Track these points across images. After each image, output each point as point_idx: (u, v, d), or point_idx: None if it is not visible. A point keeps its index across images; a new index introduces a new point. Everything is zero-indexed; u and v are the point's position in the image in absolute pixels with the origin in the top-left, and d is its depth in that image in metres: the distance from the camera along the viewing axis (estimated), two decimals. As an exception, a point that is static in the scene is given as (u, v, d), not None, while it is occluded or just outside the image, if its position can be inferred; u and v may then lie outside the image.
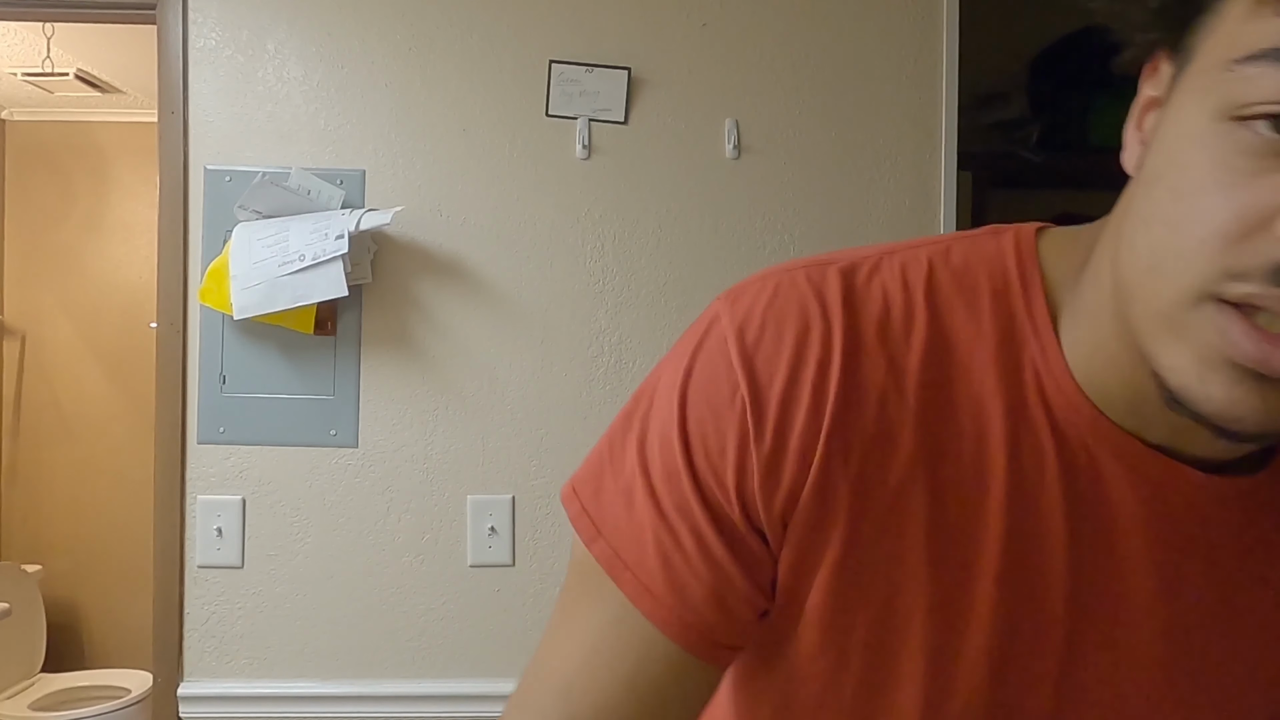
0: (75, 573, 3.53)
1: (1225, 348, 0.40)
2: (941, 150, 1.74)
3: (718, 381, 0.51)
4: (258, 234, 1.61)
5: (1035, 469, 0.50)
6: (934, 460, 0.50)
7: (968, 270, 0.52)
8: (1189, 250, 0.41)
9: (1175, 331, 0.42)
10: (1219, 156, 0.40)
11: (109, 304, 3.54)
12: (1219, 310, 0.40)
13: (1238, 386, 0.40)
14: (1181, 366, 0.42)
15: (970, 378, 0.50)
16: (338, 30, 1.69)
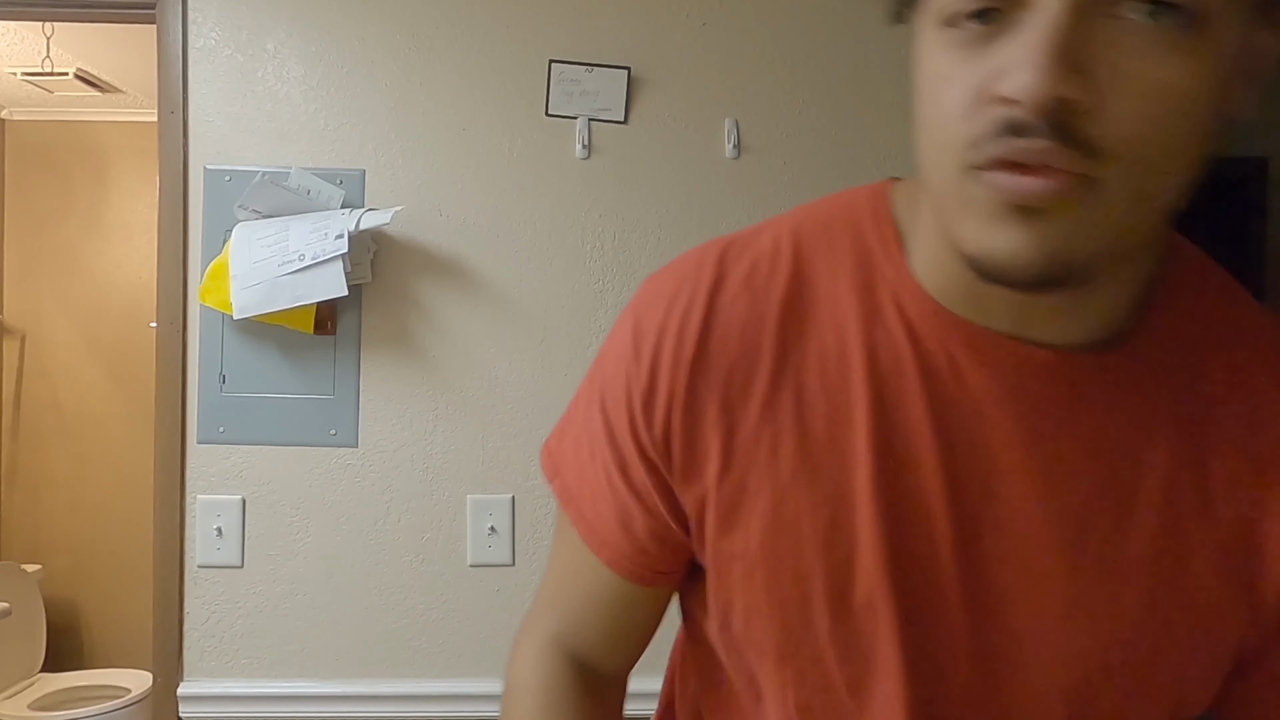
0: (75, 572, 3.53)
1: (996, 197, 0.46)
2: (941, 150, 1.74)
3: (618, 341, 0.63)
4: (257, 234, 1.61)
5: (895, 371, 0.56)
6: (798, 375, 0.58)
7: (831, 219, 0.61)
8: (943, 138, 0.48)
9: (961, 206, 0.48)
10: (943, 55, 0.48)
11: (109, 304, 3.54)
12: (986, 175, 0.46)
13: (1012, 229, 0.46)
14: (970, 235, 0.48)
15: (832, 302, 0.58)
16: (338, 30, 1.69)
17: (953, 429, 0.55)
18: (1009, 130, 0.44)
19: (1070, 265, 0.47)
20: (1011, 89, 0.44)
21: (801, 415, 0.57)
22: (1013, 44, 0.44)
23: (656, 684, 0.81)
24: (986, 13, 0.45)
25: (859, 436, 0.56)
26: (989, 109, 0.45)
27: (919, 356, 0.56)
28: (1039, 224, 0.45)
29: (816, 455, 0.57)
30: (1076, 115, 0.44)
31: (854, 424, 0.56)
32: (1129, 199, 0.46)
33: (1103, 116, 0.44)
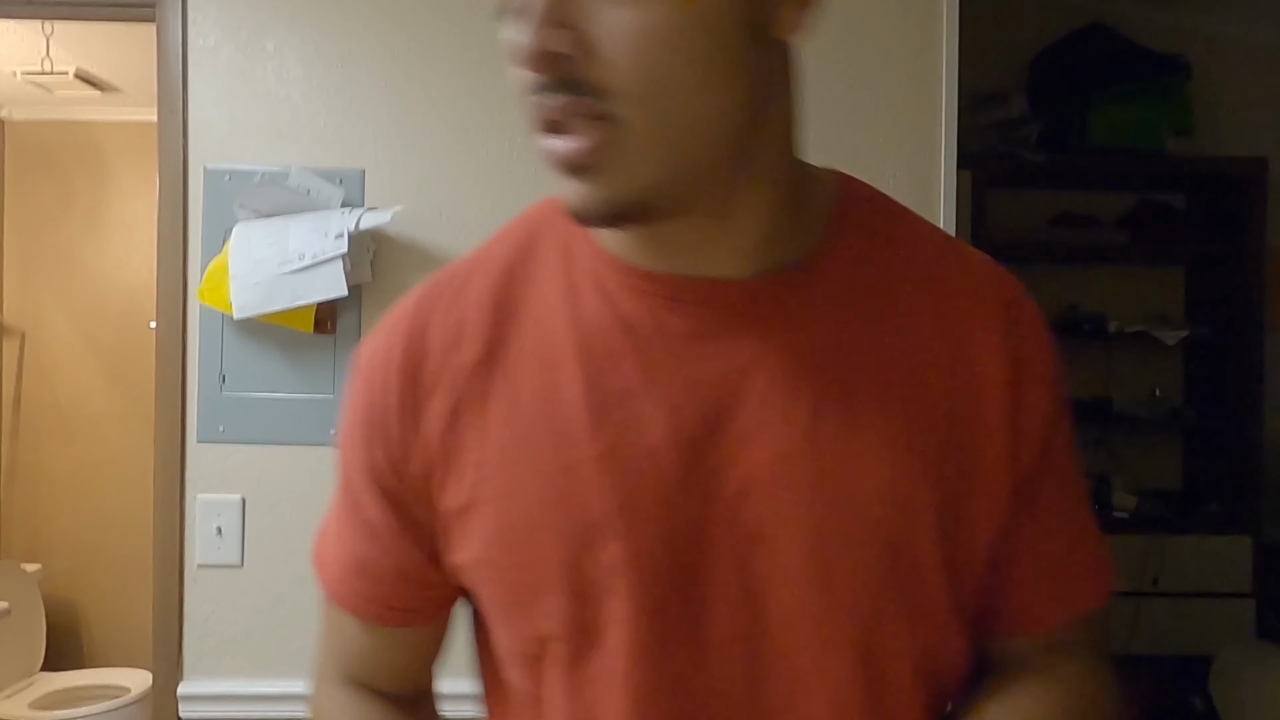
0: (75, 572, 3.53)
1: (552, 161, 0.53)
2: (941, 150, 1.74)
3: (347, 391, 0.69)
4: (257, 233, 1.61)
5: (601, 338, 0.59)
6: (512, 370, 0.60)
7: (537, 217, 0.68)
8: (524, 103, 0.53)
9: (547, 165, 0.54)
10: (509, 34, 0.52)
11: (109, 303, 3.54)
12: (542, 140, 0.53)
13: (574, 185, 0.53)
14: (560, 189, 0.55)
15: (540, 293, 0.62)
16: (337, 30, 1.69)
17: (664, 374, 0.58)
18: (535, 89, 0.51)
19: (634, 202, 0.53)
20: (518, 54, 0.51)
21: (513, 397, 0.60)
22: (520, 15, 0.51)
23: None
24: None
25: (575, 407, 0.59)
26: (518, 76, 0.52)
27: (619, 318, 0.60)
28: (590, 177, 0.52)
29: (537, 438, 0.59)
30: (572, 65, 0.50)
31: (569, 397, 0.59)
32: (655, 132, 0.51)
33: (596, 61, 0.50)
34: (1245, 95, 3.14)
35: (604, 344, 0.60)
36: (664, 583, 0.58)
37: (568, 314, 0.61)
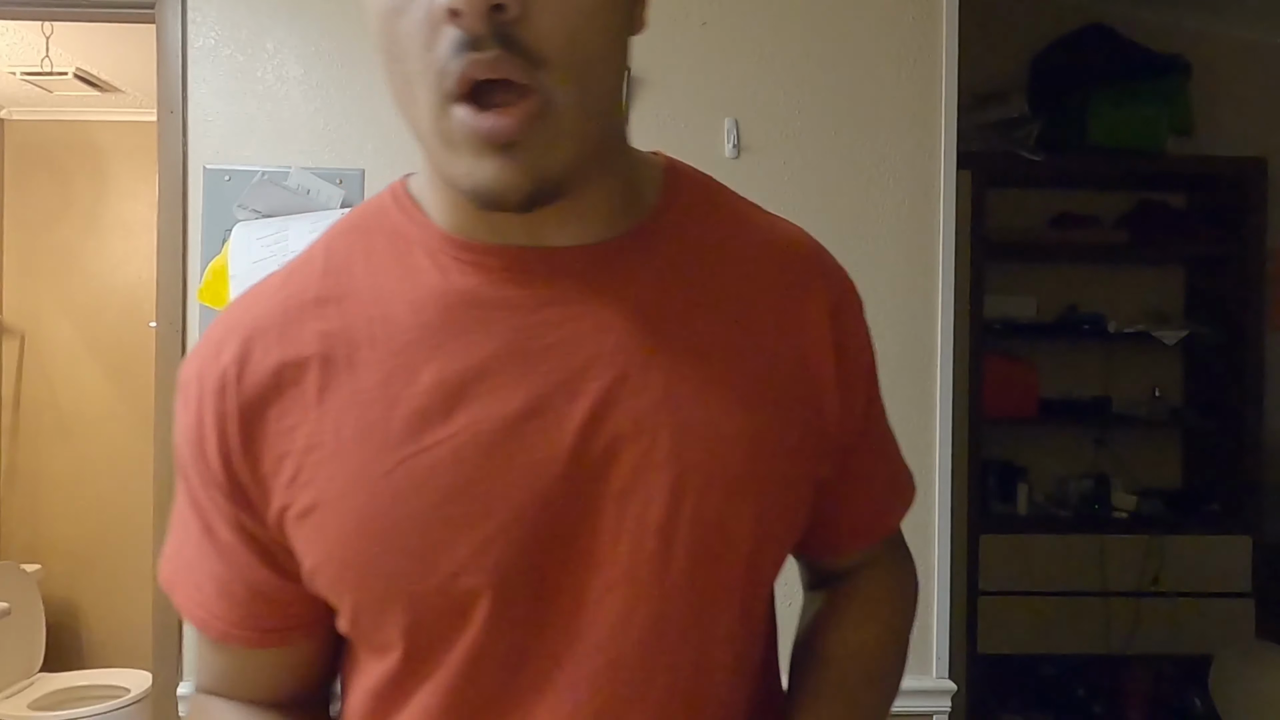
0: (75, 572, 3.53)
1: (475, 135, 0.50)
2: (941, 150, 1.74)
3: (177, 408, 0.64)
4: (257, 233, 1.61)
5: (443, 313, 0.58)
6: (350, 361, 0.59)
7: (359, 218, 0.65)
8: (412, 71, 0.51)
9: (447, 144, 0.52)
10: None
11: (108, 303, 3.53)
12: (457, 107, 0.50)
13: (493, 163, 0.51)
14: (462, 171, 0.52)
15: (372, 283, 0.60)
16: (337, 29, 1.69)
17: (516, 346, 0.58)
18: (466, 46, 0.49)
19: (552, 181, 0.53)
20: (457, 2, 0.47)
21: (356, 390, 0.58)
22: None
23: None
24: None
25: (425, 390, 0.57)
26: (446, 33, 0.49)
27: (462, 295, 0.59)
28: (514, 154, 0.51)
29: (386, 425, 0.57)
30: (513, 23, 0.48)
31: (414, 376, 0.58)
32: (575, 104, 0.51)
33: (534, 24, 0.49)
34: (1245, 95, 3.14)
35: (449, 323, 0.58)
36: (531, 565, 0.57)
37: (408, 298, 0.59)
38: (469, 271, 0.59)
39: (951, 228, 1.75)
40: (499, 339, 0.58)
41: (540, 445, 0.57)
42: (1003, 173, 2.92)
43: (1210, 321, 3.06)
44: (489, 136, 0.50)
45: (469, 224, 0.59)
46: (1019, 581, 2.87)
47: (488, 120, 0.50)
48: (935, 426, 1.72)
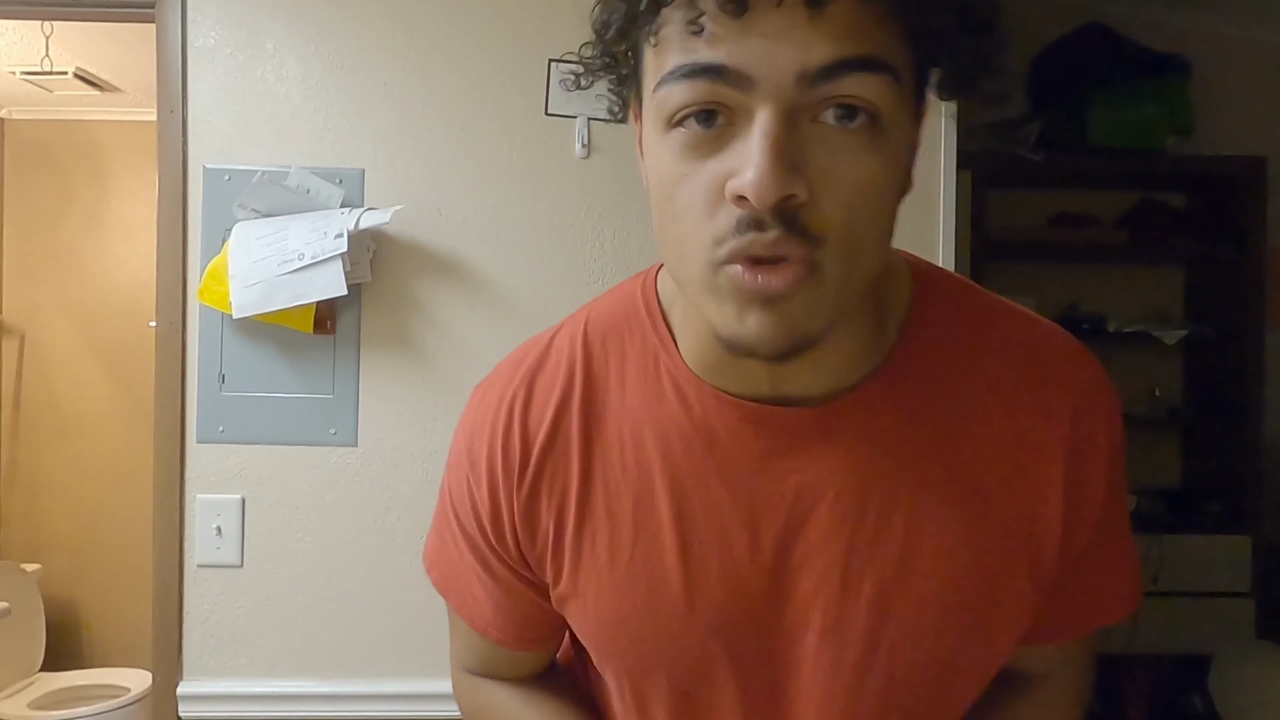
0: (74, 572, 3.53)
1: (741, 290, 0.53)
2: (941, 150, 1.74)
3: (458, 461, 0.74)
4: (257, 233, 1.61)
5: (684, 448, 0.65)
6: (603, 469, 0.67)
7: (614, 319, 0.71)
8: (688, 233, 0.55)
9: (713, 295, 0.55)
10: (674, 158, 0.54)
11: (108, 303, 3.53)
12: (730, 269, 0.53)
13: (758, 315, 0.54)
14: (723, 321, 0.55)
15: (621, 394, 0.68)
16: (337, 29, 1.69)
17: (744, 489, 0.65)
18: (748, 226, 0.52)
19: (807, 337, 0.55)
20: (746, 189, 0.51)
21: (609, 505, 0.67)
22: (739, 149, 0.52)
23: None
24: (709, 115, 0.53)
25: (663, 513, 0.66)
26: (727, 208, 0.53)
27: (700, 431, 0.65)
28: (779, 309, 0.53)
29: (628, 542, 0.66)
30: (796, 209, 0.52)
31: (657, 506, 0.66)
32: (843, 274, 0.54)
33: (818, 208, 0.52)
34: (1245, 95, 3.14)
35: (689, 459, 0.65)
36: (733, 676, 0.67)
37: (655, 423, 0.66)
38: (710, 415, 0.65)
39: (951, 228, 1.75)
40: (729, 481, 0.65)
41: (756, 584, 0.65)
42: (1003, 173, 2.92)
43: (1210, 321, 3.06)
44: (761, 293, 0.53)
45: (714, 365, 0.65)
46: (1019, 581, 2.86)
47: (759, 278, 0.53)
48: (935, 426, 1.72)
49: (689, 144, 0.54)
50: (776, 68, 0.50)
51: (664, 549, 0.66)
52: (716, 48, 0.51)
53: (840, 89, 0.51)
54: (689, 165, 0.54)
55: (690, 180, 0.54)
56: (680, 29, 0.52)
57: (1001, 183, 2.96)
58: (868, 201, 0.53)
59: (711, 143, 0.53)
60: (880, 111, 0.52)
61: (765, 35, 0.50)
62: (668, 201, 0.56)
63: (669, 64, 0.53)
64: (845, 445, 0.64)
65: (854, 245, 0.54)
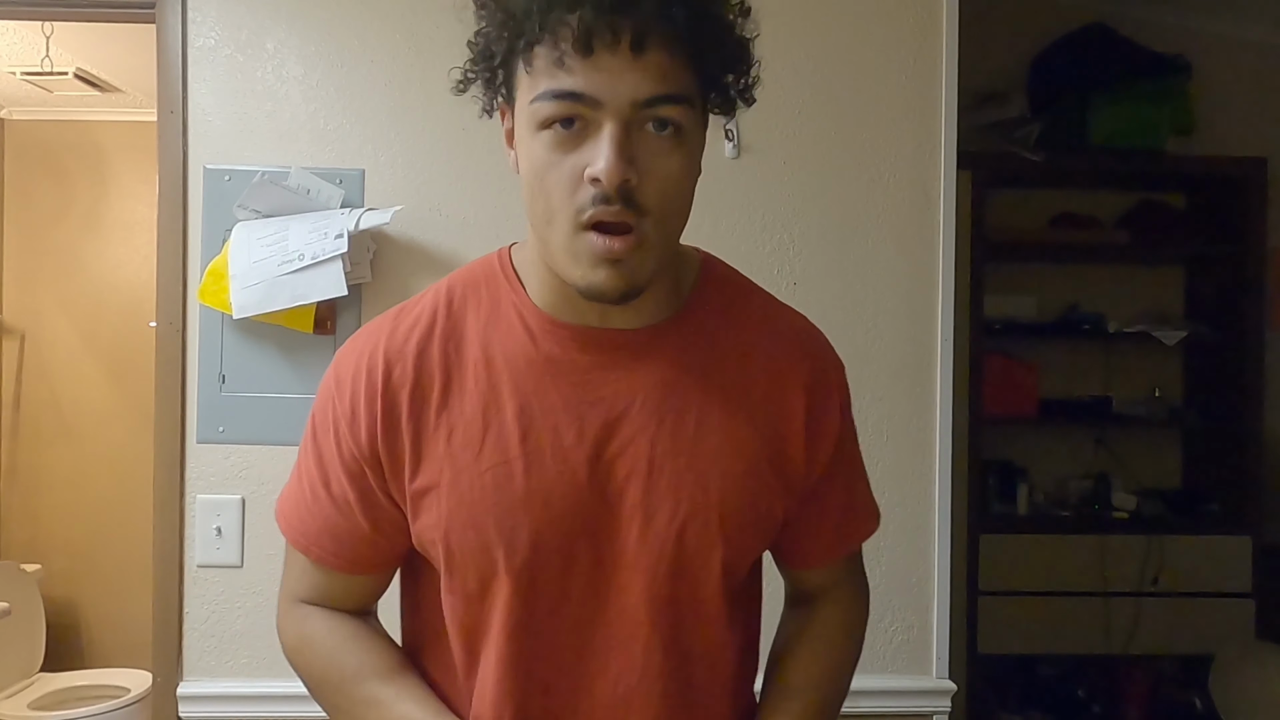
0: (75, 572, 3.53)
1: (595, 252, 0.77)
2: (941, 150, 1.74)
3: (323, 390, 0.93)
4: (257, 233, 1.61)
5: (527, 366, 0.86)
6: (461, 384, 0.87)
7: (474, 277, 0.93)
8: (556, 206, 0.78)
9: (573, 255, 0.79)
10: (543, 151, 0.78)
11: (109, 303, 3.54)
12: (588, 234, 0.77)
13: (605, 271, 0.78)
14: (581, 273, 0.79)
15: (479, 331, 0.88)
16: (337, 29, 1.69)
17: (575, 396, 0.85)
18: (600, 201, 0.76)
19: (636, 285, 0.80)
20: (600, 174, 0.75)
21: (464, 410, 0.86)
22: (592, 147, 0.76)
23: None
24: (570, 122, 0.76)
25: (508, 414, 0.85)
26: (585, 188, 0.76)
27: (541, 352, 0.86)
28: (620, 267, 0.78)
29: (478, 436, 0.85)
30: (632, 189, 0.76)
31: (503, 408, 0.85)
32: (660, 239, 0.80)
33: (643, 189, 0.77)
34: (1245, 95, 3.14)
35: (531, 373, 0.86)
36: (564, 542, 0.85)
37: (503, 350, 0.87)
38: (551, 341, 0.86)
39: (952, 228, 1.75)
40: (565, 392, 0.85)
41: (584, 470, 0.84)
42: (1003, 173, 2.92)
43: (1210, 321, 3.06)
44: (606, 254, 0.77)
45: (558, 304, 0.86)
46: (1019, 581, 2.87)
47: (608, 243, 0.77)
48: (935, 426, 1.72)
49: (555, 142, 0.77)
50: (617, 95, 0.75)
51: (508, 439, 0.84)
52: (575, 77, 0.75)
53: (658, 112, 0.76)
54: (556, 156, 0.77)
55: (557, 167, 0.77)
56: (546, 62, 0.76)
57: (1001, 183, 2.96)
58: (675, 185, 0.79)
59: (571, 141, 0.77)
60: (683, 126, 0.78)
61: (609, 71, 0.75)
62: (539, 182, 0.79)
63: (540, 86, 0.76)
64: (650, 363, 0.87)
65: (666, 217, 0.79)
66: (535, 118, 0.77)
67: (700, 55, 0.79)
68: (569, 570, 0.85)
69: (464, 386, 0.86)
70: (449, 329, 0.88)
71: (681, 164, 0.79)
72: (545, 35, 0.76)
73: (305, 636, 0.98)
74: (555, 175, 0.77)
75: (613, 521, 0.85)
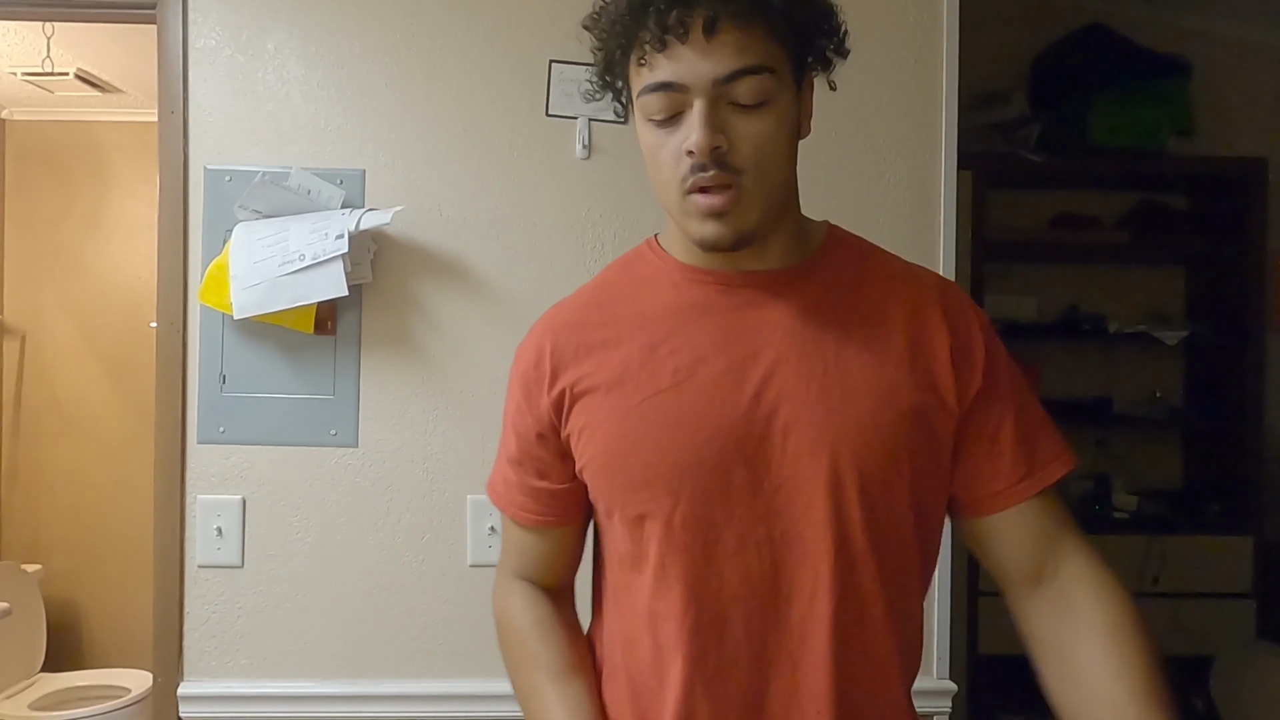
0: (75, 572, 3.53)
1: (700, 210, 0.88)
2: (941, 150, 1.74)
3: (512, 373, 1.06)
4: (258, 234, 1.61)
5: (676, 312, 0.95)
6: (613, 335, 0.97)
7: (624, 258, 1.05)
8: (667, 178, 0.89)
9: (685, 214, 0.89)
10: (651, 136, 0.90)
11: (109, 304, 3.54)
12: (693, 197, 0.88)
13: (711, 225, 0.88)
14: (693, 229, 0.90)
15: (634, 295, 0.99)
16: (338, 30, 1.69)
17: (721, 332, 0.93)
18: (698, 169, 0.86)
19: (745, 235, 0.89)
20: (693, 146, 0.85)
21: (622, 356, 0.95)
22: (687, 126, 0.86)
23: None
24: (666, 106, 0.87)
25: (661, 354, 0.93)
26: (685, 160, 0.86)
27: (690, 301, 0.95)
28: (723, 220, 0.88)
29: (635, 374, 0.93)
30: (724, 155, 0.86)
31: (656, 349, 0.94)
32: (760, 191, 0.88)
33: (735, 152, 0.86)
34: (1245, 95, 3.14)
35: (681, 318, 0.95)
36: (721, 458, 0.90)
37: (654, 303, 0.96)
38: (694, 288, 0.96)
39: (952, 228, 1.75)
40: (711, 329, 0.93)
41: (734, 395, 0.91)
42: (1003, 173, 2.92)
43: (1211, 322, 3.06)
44: (709, 210, 0.87)
45: (697, 259, 0.95)
46: (1019, 582, 2.86)
47: (708, 201, 0.87)
48: (935, 427, 1.72)
49: (660, 127, 0.88)
50: (699, 77, 0.85)
51: (661, 373, 0.92)
52: (661, 70, 0.86)
53: (739, 87, 0.85)
54: (662, 139, 0.88)
55: (665, 148, 0.88)
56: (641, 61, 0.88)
57: (1002, 183, 2.96)
58: (767, 142, 0.87)
59: (671, 124, 0.88)
60: (765, 96, 0.86)
61: (688, 59, 0.85)
62: (654, 161, 0.90)
63: (643, 81, 0.88)
64: (788, 300, 0.94)
65: (762, 172, 0.87)
66: (642, 111, 0.89)
67: (776, 25, 0.86)
68: (727, 493, 0.90)
69: (620, 338, 0.95)
70: (606, 297, 1.00)
71: (771, 125, 0.87)
72: (636, 37, 0.87)
73: (505, 611, 1.06)
74: (664, 155, 0.88)
75: (766, 443, 0.90)
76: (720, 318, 0.93)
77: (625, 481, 0.93)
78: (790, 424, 0.89)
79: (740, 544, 0.90)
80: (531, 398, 0.99)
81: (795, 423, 0.89)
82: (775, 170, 0.89)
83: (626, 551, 0.96)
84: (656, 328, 0.95)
